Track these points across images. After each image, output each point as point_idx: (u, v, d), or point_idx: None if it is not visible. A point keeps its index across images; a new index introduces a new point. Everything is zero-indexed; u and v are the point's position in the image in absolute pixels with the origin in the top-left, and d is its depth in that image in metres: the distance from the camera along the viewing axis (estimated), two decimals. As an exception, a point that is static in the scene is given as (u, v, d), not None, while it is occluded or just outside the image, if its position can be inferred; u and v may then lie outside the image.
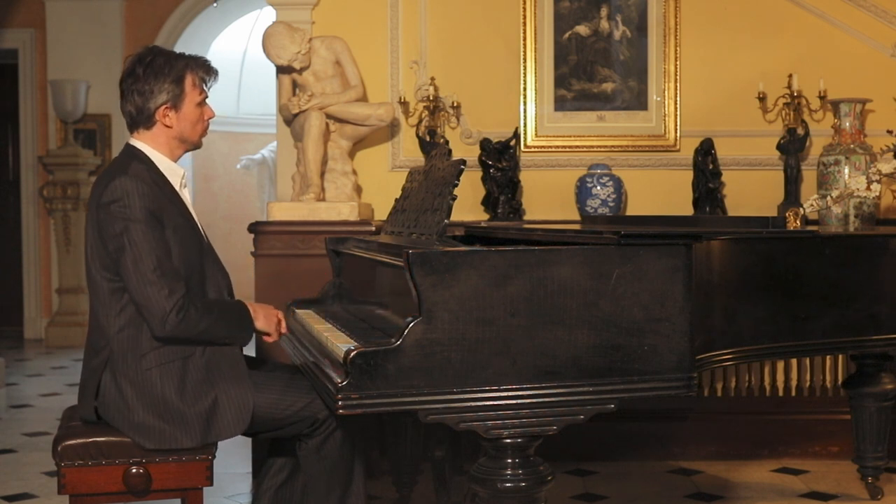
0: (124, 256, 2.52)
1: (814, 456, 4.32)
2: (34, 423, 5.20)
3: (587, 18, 4.61)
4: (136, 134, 2.74)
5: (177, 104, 2.69)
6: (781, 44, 4.59)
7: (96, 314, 2.65)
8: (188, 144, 2.77)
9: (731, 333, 2.69)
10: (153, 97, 2.67)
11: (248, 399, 2.61)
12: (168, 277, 2.52)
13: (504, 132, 4.56)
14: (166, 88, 2.67)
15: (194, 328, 2.55)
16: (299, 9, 4.53)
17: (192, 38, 8.77)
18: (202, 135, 2.79)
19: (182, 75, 2.69)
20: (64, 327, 8.15)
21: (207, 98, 2.78)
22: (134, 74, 2.68)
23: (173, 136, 2.72)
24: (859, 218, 4.18)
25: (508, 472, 2.28)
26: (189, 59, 2.74)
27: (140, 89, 2.67)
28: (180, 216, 2.65)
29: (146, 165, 2.65)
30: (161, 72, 2.67)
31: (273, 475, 2.91)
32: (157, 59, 2.69)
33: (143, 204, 2.54)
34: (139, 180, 2.57)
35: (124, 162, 2.66)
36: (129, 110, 2.71)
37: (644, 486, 3.96)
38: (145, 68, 2.67)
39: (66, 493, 2.59)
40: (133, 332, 2.59)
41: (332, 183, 4.33)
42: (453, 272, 2.19)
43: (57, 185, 8.26)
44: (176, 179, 2.72)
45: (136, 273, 2.51)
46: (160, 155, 2.71)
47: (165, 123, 2.70)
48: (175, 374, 2.58)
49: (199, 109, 2.74)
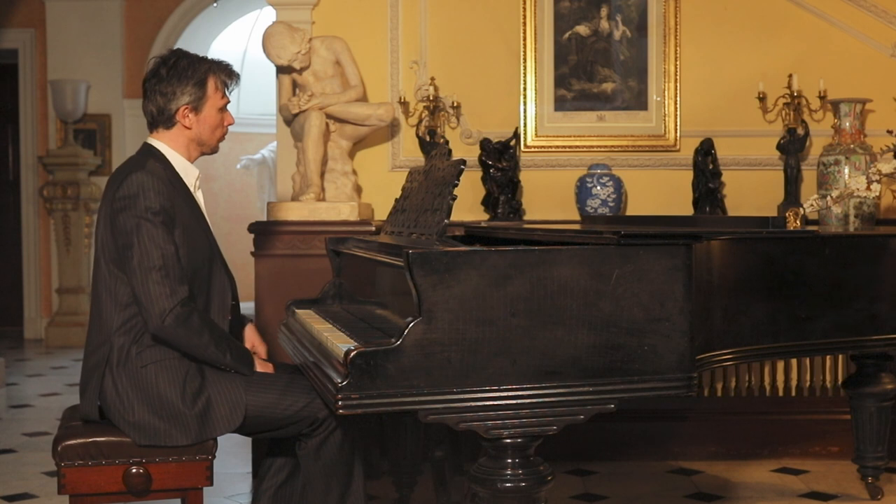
0: (131, 252, 2.54)
1: (814, 456, 4.32)
2: (34, 423, 5.20)
3: (587, 18, 4.61)
4: (154, 133, 2.76)
5: (198, 107, 2.71)
6: (781, 44, 4.59)
7: (99, 309, 2.65)
8: (205, 147, 2.79)
9: (731, 333, 2.69)
10: (175, 98, 2.69)
11: (240, 396, 2.62)
12: (172, 277, 2.53)
13: (504, 132, 4.56)
14: (188, 91, 2.69)
15: (194, 337, 2.55)
16: (299, 9, 4.53)
17: (192, 38, 8.77)
18: (220, 140, 2.81)
19: (205, 78, 2.71)
20: (64, 327, 8.16)
21: (229, 103, 2.80)
22: (157, 75, 2.71)
23: (191, 138, 2.74)
24: (859, 218, 4.18)
25: (508, 472, 2.28)
26: (213, 62, 2.76)
27: (162, 90, 2.69)
28: (192, 217, 2.67)
29: (163, 164, 2.68)
30: (184, 74, 2.69)
31: (273, 475, 2.91)
32: (181, 61, 2.72)
33: (158, 201, 2.56)
34: (155, 177, 2.59)
35: (141, 159, 2.68)
36: (150, 110, 2.73)
37: (644, 486, 3.96)
38: (169, 69, 2.70)
39: (66, 493, 2.60)
40: (135, 329, 2.60)
41: (332, 183, 4.33)
42: (453, 272, 2.19)
43: (57, 185, 8.26)
44: (191, 180, 2.75)
45: (141, 269, 2.52)
46: (177, 155, 2.74)
47: (185, 125, 2.72)
48: (173, 371, 2.59)
49: (220, 115, 2.77)
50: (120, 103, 8.56)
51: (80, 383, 2.72)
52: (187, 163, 2.76)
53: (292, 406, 2.65)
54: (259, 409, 2.64)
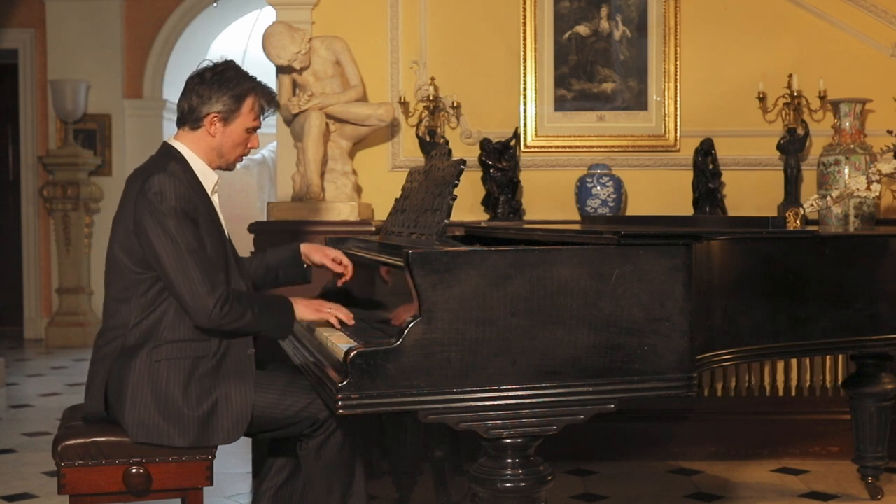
0: (163, 251, 2.54)
1: (814, 456, 4.32)
2: (34, 423, 5.20)
3: (587, 18, 4.61)
4: (179, 132, 2.76)
5: (228, 118, 2.71)
6: (781, 44, 4.59)
7: (113, 304, 2.66)
8: (222, 161, 2.78)
9: (731, 333, 2.69)
10: (208, 103, 2.69)
11: (246, 411, 2.61)
12: (209, 273, 2.54)
13: (504, 132, 4.56)
14: (224, 100, 2.69)
15: (239, 321, 2.58)
16: (299, 9, 4.53)
17: (192, 38, 8.78)
18: (238, 158, 2.80)
19: (244, 95, 2.71)
20: (64, 327, 8.15)
21: (259, 128, 2.81)
22: (202, 76, 2.72)
23: (213, 147, 2.74)
24: (859, 218, 4.18)
25: (508, 472, 2.28)
26: (258, 84, 2.76)
27: (200, 91, 2.70)
28: (210, 221, 2.67)
29: (182, 166, 2.67)
30: (226, 84, 2.70)
31: (273, 475, 2.91)
32: (228, 71, 2.73)
33: (180, 203, 2.56)
34: (177, 179, 2.59)
35: (162, 161, 2.68)
36: (182, 106, 2.73)
37: (644, 486, 3.96)
38: (214, 74, 2.71)
39: (66, 493, 2.59)
40: (149, 325, 2.61)
41: (332, 183, 4.33)
42: (453, 272, 2.19)
43: (57, 185, 8.25)
44: (209, 185, 2.74)
45: (179, 269, 2.53)
46: (197, 158, 2.73)
47: (210, 132, 2.72)
48: (183, 370, 2.59)
49: (246, 135, 2.76)
50: (120, 103, 8.56)
51: (88, 373, 2.72)
52: (207, 167, 2.75)
53: (292, 406, 2.65)
54: (259, 410, 2.63)
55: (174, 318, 2.61)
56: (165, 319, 2.61)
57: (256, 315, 2.61)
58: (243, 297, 2.62)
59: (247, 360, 2.69)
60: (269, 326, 2.68)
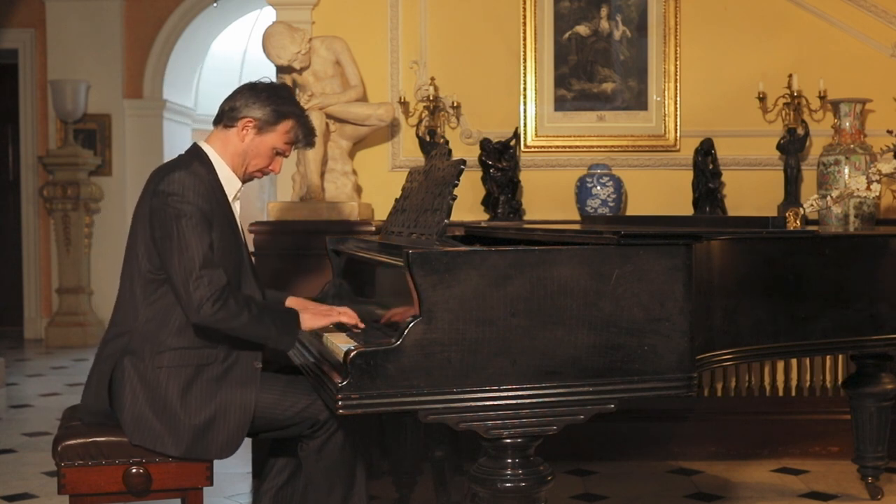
0: (170, 245, 2.53)
1: (814, 456, 4.32)
2: (34, 423, 5.20)
3: (587, 18, 4.61)
4: (212, 133, 2.77)
5: (262, 129, 2.73)
6: (781, 44, 4.59)
7: (125, 301, 2.66)
8: (242, 169, 2.77)
9: (731, 333, 2.69)
10: (251, 107, 2.71)
11: (244, 426, 2.60)
12: (210, 268, 2.52)
13: (504, 132, 4.56)
14: (266, 111, 2.71)
15: (234, 319, 2.53)
16: (299, 9, 4.53)
17: (192, 38, 8.78)
18: (255, 171, 2.79)
19: (286, 115, 2.74)
20: (64, 327, 8.15)
21: (286, 157, 2.83)
22: (254, 86, 2.76)
23: (239, 151, 2.74)
24: (859, 218, 4.18)
25: (508, 472, 2.28)
26: (303, 115, 2.80)
27: (247, 96, 2.73)
28: (226, 225, 2.66)
29: (207, 169, 2.67)
30: (273, 98, 2.73)
31: (274, 476, 2.91)
32: (282, 90, 2.78)
33: (197, 202, 2.56)
34: (198, 178, 2.60)
35: (187, 159, 2.69)
36: (224, 106, 2.76)
37: (644, 486, 3.96)
38: (266, 87, 2.75)
39: (66, 493, 2.60)
40: (156, 327, 2.60)
41: (332, 183, 4.33)
42: (453, 272, 2.19)
43: (57, 185, 8.25)
44: (231, 190, 2.74)
45: (181, 263, 2.51)
46: (223, 164, 2.73)
47: (240, 135, 2.73)
48: (184, 379, 2.58)
49: (273, 153, 2.77)
50: (120, 103, 8.57)
51: (90, 372, 2.71)
52: (231, 173, 2.74)
53: (292, 407, 2.65)
54: (259, 410, 2.63)
55: (181, 326, 2.60)
56: (171, 325, 2.60)
57: (255, 316, 2.55)
58: (242, 298, 2.59)
59: (252, 373, 2.66)
60: (270, 332, 2.60)
